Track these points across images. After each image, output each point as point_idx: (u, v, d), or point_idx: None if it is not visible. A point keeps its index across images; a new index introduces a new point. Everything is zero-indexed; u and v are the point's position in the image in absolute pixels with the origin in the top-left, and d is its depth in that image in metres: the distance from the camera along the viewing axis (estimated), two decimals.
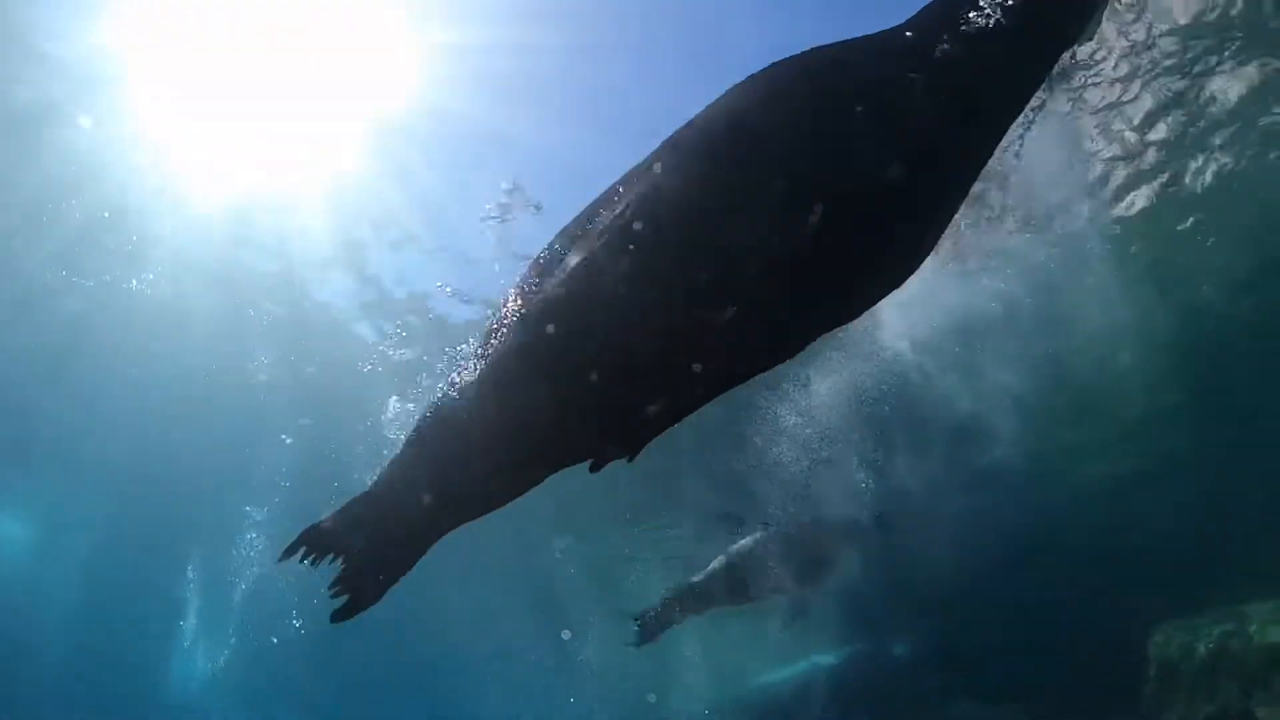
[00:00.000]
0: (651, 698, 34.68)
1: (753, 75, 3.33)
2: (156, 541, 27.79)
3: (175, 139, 12.46)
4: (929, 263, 3.48)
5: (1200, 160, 11.57)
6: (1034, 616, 19.24)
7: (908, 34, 3.25)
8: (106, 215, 13.52)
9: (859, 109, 3.02)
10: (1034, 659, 18.54)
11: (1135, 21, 9.49)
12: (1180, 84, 10.39)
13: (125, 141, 12.39)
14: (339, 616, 4.25)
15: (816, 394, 14.10)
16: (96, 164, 12.88)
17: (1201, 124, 11.04)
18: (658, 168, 3.27)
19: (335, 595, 4.23)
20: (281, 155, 12.45)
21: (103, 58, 11.14)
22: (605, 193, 3.58)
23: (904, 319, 12.63)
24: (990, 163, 3.47)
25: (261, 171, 12.77)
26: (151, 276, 14.60)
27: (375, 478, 4.40)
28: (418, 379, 16.18)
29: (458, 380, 3.91)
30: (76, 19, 10.67)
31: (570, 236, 3.55)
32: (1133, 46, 9.82)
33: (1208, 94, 10.56)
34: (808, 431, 14.97)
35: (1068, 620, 18.37)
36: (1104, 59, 9.93)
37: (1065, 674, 17.46)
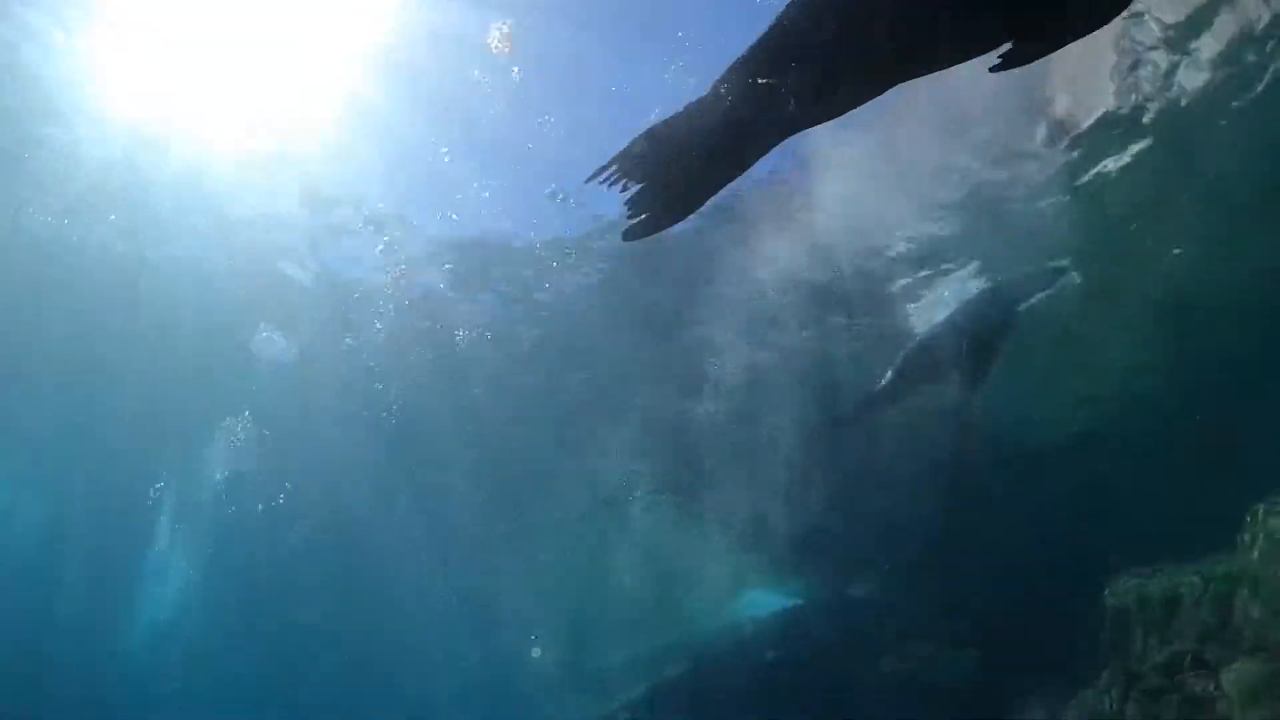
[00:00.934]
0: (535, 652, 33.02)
1: None
2: (120, 477, 26.62)
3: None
4: None
5: None
6: (992, 564, 19.59)
7: None
8: None
9: None
10: (991, 604, 18.97)
11: None
12: None
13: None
14: (633, 234, 3.90)
15: None
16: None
17: None
18: None
19: (633, 215, 3.85)
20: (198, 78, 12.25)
21: None
22: None
23: None
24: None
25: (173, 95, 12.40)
26: (113, 218, 13.86)
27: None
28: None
29: None
30: None
31: None
32: None
33: None
34: None
35: (1026, 568, 18.73)
36: None
37: (1022, 621, 17.88)
